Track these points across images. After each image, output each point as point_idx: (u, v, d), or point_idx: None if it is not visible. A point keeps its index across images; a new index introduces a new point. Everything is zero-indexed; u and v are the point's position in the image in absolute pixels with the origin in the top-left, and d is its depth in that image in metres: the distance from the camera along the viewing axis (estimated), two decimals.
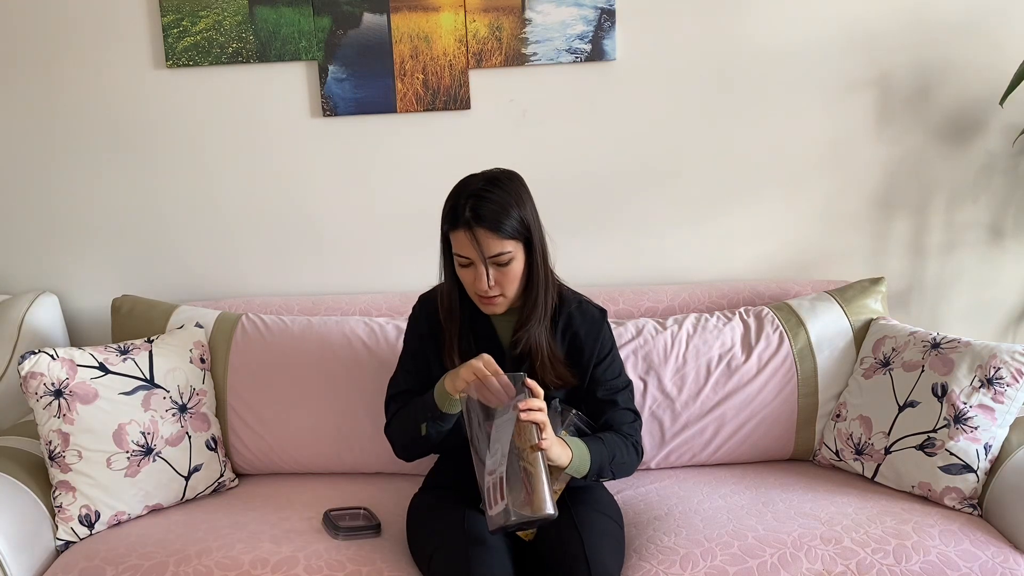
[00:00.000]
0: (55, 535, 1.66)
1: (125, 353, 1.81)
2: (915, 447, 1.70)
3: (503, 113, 2.16)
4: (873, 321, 1.94)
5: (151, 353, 1.83)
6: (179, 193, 2.22)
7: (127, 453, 1.72)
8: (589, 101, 2.15)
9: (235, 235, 2.24)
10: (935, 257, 2.23)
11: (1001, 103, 1.99)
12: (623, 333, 1.93)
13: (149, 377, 1.80)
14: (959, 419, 1.66)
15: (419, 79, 2.13)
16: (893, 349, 1.83)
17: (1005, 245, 2.22)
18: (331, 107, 2.15)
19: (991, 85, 2.09)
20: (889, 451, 1.73)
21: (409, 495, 1.71)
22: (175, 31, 2.12)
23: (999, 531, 1.58)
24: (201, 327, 1.96)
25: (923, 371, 1.74)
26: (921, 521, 1.58)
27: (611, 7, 2.08)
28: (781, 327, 1.93)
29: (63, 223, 2.24)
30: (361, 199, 2.22)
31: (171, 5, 2.10)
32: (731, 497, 1.73)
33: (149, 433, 1.76)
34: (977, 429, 1.66)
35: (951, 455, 1.65)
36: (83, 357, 1.75)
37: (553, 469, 1.46)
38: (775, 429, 1.90)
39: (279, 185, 2.21)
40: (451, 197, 1.51)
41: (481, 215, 1.46)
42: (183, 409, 1.83)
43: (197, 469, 1.82)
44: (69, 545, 1.66)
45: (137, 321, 2.00)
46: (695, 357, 1.91)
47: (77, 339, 2.27)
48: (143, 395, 1.77)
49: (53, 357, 1.71)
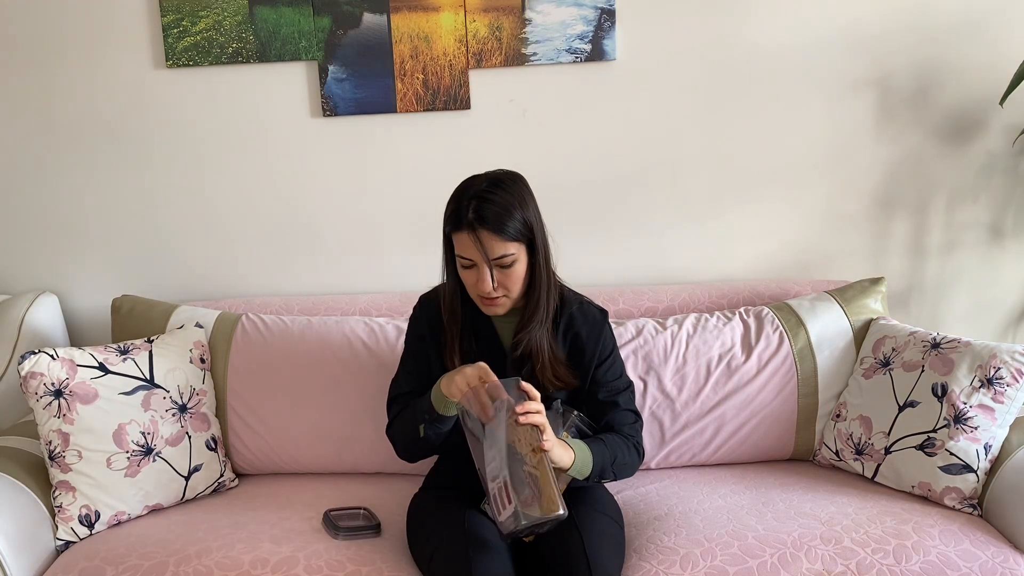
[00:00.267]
0: (55, 535, 1.66)
1: (125, 353, 1.81)
2: (915, 447, 1.70)
3: (503, 113, 2.16)
4: (873, 321, 1.94)
5: (151, 353, 1.83)
6: (179, 193, 2.22)
7: (127, 453, 1.72)
8: (589, 101, 2.15)
9: (235, 235, 2.24)
10: (935, 257, 2.23)
11: (1001, 103, 1.99)
12: (623, 333, 1.93)
13: (149, 377, 1.80)
14: (959, 419, 1.66)
15: (419, 79, 2.13)
16: (893, 349, 1.83)
17: (1005, 245, 2.22)
18: (331, 107, 2.15)
19: (991, 85, 2.09)
20: (889, 451, 1.73)
21: (409, 495, 1.71)
22: (175, 31, 2.12)
23: (999, 531, 1.58)
24: (201, 327, 1.96)
25: (923, 371, 1.74)
26: (921, 521, 1.58)
27: (611, 7, 2.08)
28: (781, 327, 1.93)
29: (63, 223, 2.24)
30: (361, 199, 2.22)
31: (171, 5, 2.10)
32: (731, 497, 1.73)
33: (149, 433, 1.76)
34: (977, 429, 1.66)
35: (951, 455, 1.65)
36: (83, 357, 1.75)
37: (555, 471, 1.46)
38: (775, 429, 1.90)
39: (279, 185, 2.21)
40: (454, 198, 1.51)
41: (484, 217, 1.45)
42: (183, 409, 1.82)
43: (197, 469, 1.82)
44: (69, 545, 1.66)
45: (137, 321, 2.00)
46: (695, 357, 1.91)
47: (77, 339, 2.27)
48: (143, 395, 1.77)
49: (53, 357, 1.71)
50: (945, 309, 2.26)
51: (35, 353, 1.70)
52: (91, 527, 1.68)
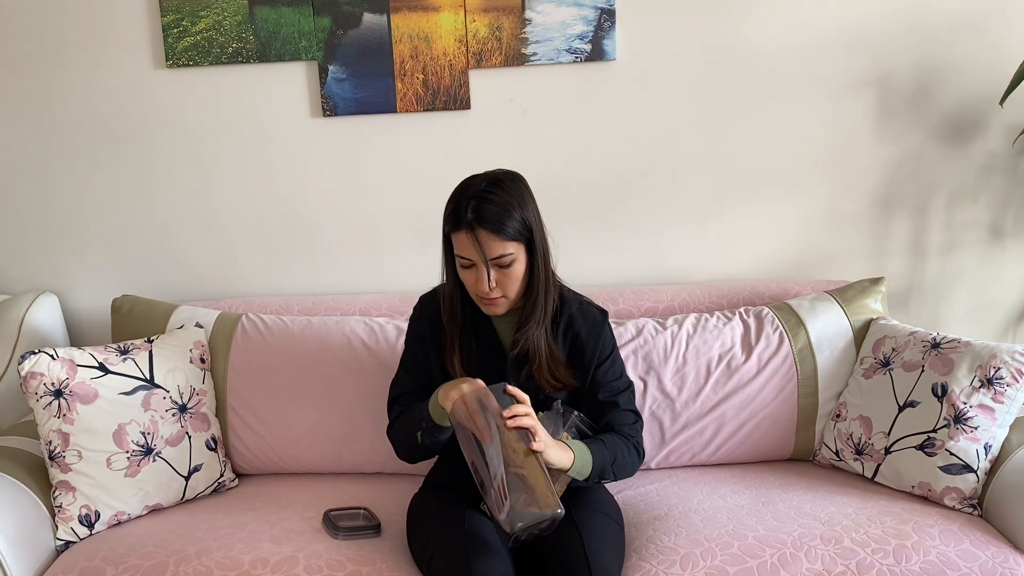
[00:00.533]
0: (55, 535, 1.66)
1: (125, 353, 1.81)
2: (915, 447, 1.70)
3: (503, 113, 2.16)
4: (873, 321, 1.94)
5: (151, 353, 1.83)
6: (179, 193, 2.22)
7: (127, 453, 1.72)
8: (589, 101, 2.15)
9: (235, 235, 2.24)
10: (935, 257, 2.23)
11: (1001, 103, 1.99)
12: (623, 333, 1.93)
13: (149, 377, 1.80)
14: (959, 419, 1.66)
15: (419, 79, 2.13)
16: (893, 349, 1.83)
17: (1005, 245, 2.22)
18: (331, 107, 2.15)
19: (991, 85, 2.09)
20: (889, 451, 1.73)
21: (409, 495, 1.71)
22: (175, 31, 2.12)
23: (999, 531, 1.58)
24: (201, 327, 1.96)
25: (923, 371, 1.74)
26: (921, 521, 1.58)
27: (611, 7, 2.08)
28: (781, 327, 1.93)
29: (63, 223, 2.24)
30: (361, 199, 2.21)
31: (171, 5, 2.10)
32: (731, 497, 1.73)
33: (149, 433, 1.76)
34: (977, 429, 1.66)
35: (951, 455, 1.65)
36: (83, 357, 1.75)
37: (555, 472, 1.46)
38: (775, 429, 1.90)
39: (279, 185, 2.21)
40: (453, 198, 1.51)
41: (483, 217, 1.45)
42: (183, 409, 1.82)
43: (197, 469, 1.82)
44: (69, 545, 1.66)
45: (137, 321, 2.00)
46: (695, 357, 1.91)
47: (77, 339, 2.27)
48: (143, 395, 1.77)
49: (53, 357, 1.71)
50: (945, 309, 2.26)
51: (35, 353, 1.70)
52: (91, 527, 1.68)
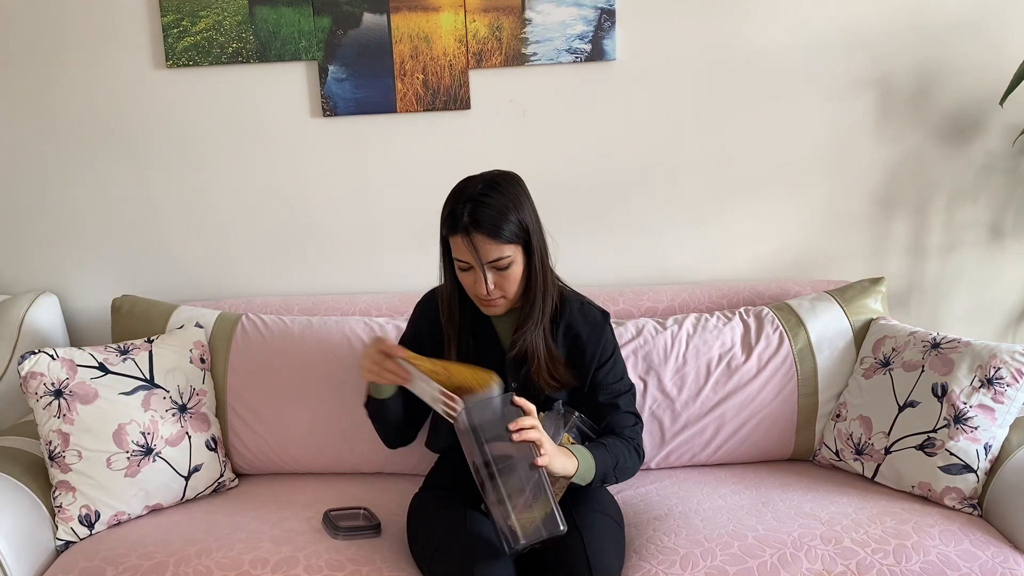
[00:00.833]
0: (55, 535, 1.66)
1: (125, 353, 1.81)
2: (915, 447, 1.70)
3: (503, 113, 2.16)
4: (873, 321, 1.94)
5: (151, 353, 1.83)
6: (179, 193, 2.22)
7: (127, 453, 1.72)
8: (589, 101, 2.15)
9: (235, 235, 2.24)
10: (935, 257, 2.23)
11: (1001, 103, 1.99)
12: (623, 333, 1.93)
13: (149, 377, 1.80)
14: (959, 419, 1.66)
15: (419, 79, 2.13)
16: (893, 349, 1.83)
17: (1005, 245, 2.22)
18: (331, 107, 2.15)
19: (991, 85, 2.09)
20: (889, 451, 1.73)
21: (409, 495, 1.71)
22: (175, 31, 2.12)
23: (999, 531, 1.57)
24: (201, 327, 1.96)
25: (923, 371, 1.74)
26: (921, 521, 1.58)
27: (611, 7, 2.08)
28: (781, 327, 1.93)
29: (63, 223, 2.24)
30: (361, 199, 2.21)
31: (171, 5, 2.10)
32: (731, 497, 1.73)
33: (149, 433, 1.76)
34: (977, 429, 1.66)
35: (951, 455, 1.65)
36: (83, 357, 1.75)
37: (553, 478, 1.46)
38: (775, 429, 1.90)
39: (279, 185, 2.21)
40: (449, 201, 1.50)
41: (479, 220, 1.45)
42: (183, 409, 1.82)
43: (197, 469, 1.82)
44: (69, 545, 1.66)
45: (137, 321, 2.00)
46: (695, 357, 1.91)
47: (77, 339, 2.27)
48: (143, 395, 1.77)
49: (53, 357, 1.71)
50: (945, 309, 2.26)
51: (35, 353, 1.70)
52: (91, 527, 1.68)
